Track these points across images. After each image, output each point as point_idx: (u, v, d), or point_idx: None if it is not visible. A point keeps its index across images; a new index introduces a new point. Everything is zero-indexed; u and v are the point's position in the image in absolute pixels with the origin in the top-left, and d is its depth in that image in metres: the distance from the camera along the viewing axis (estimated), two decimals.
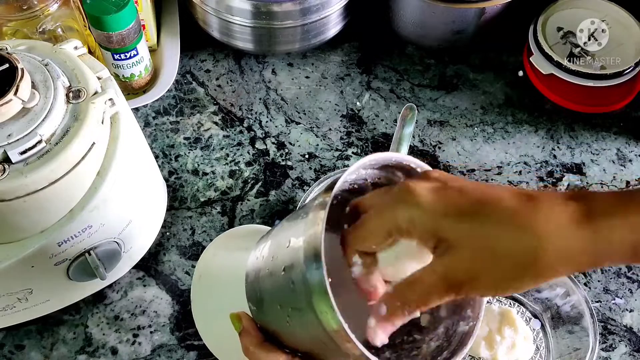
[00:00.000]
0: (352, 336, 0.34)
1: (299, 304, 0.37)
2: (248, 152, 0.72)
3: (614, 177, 0.72)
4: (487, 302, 0.62)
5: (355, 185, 0.43)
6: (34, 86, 0.46)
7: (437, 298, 0.35)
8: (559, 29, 0.76)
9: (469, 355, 0.59)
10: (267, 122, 0.74)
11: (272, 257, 0.40)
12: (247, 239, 0.49)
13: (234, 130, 0.73)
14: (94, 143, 0.47)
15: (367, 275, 0.40)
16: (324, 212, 0.36)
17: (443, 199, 0.35)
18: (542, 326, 0.61)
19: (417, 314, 0.37)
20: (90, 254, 0.53)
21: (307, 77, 0.78)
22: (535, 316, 0.61)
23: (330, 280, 0.34)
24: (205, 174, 0.70)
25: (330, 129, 0.74)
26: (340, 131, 0.74)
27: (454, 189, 0.36)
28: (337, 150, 0.72)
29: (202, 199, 0.68)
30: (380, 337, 0.37)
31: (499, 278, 0.35)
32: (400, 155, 0.42)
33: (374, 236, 0.37)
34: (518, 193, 0.36)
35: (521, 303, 0.62)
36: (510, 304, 0.62)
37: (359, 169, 0.40)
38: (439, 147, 0.73)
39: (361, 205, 0.39)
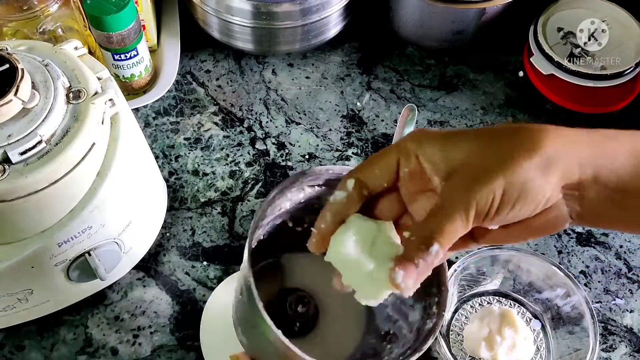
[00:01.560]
0: (290, 344, 0.37)
1: (257, 325, 0.39)
2: (248, 153, 0.72)
3: None
4: (487, 302, 0.62)
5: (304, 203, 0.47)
6: (34, 86, 0.46)
7: (459, 227, 0.34)
8: (559, 29, 0.76)
9: (470, 357, 0.59)
10: (267, 122, 0.74)
11: (236, 286, 0.45)
12: None
13: (234, 131, 0.73)
14: (94, 143, 0.47)
15: None
16: (248, 242, 0.41)
17: (449, 130, 0.39)
18: (543, 327, 0.61)
19: (440, 254, 0.34)
20: (90, 255, 0.53)
21: (307, 78, 0.78)
22: (536, 317, 0.61)
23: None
24: (205, 174, 0.70)
25: (330, 130, 0.74)
26: (340, 131, 0.74)
27: (456, 130, 0.39)
28: (337, 150, 0.72)
29: (202, 200, 0.68)
30: (402, 276, 0.34)
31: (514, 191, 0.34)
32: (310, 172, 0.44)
33: (382, 163, 0.37)
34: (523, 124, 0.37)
35: (521, 304, 0.62)
36: (510, 304, 0.62)
37: (266, 210, 0.45)
38: None
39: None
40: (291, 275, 0.53)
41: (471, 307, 0.62)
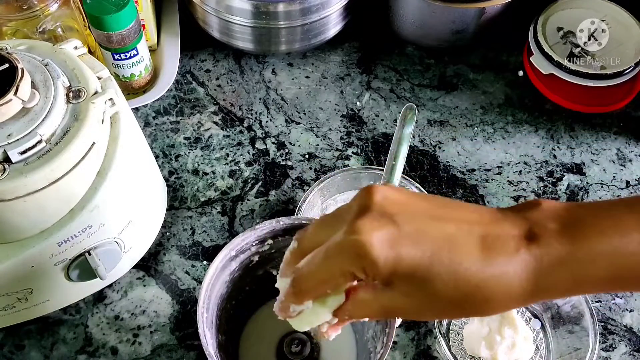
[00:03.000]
0: None
1: None
2: (248, 152, 0.72)
3: (614, 177, 0.72)
4: None
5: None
6: (34, 86, 0.46)
7: (375, 318, 0.41)
8: (559, 29, 0.76)
9: (470, 356, 0.59)
10: (267, 122, 0.74)
11: None
12: None
13: (234, 130, 0.73)
14: (94, 143, 0.47)
15: None
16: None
17: (396, 255, 0.33)
18: (542, 326, 0.61)
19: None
20: (90, 254, 0.53)
21: (307, 77, 0.78)
22: (536, 316, 0.61)
23: None
24: (205, 173, 0.70)
25: (330, 129, 0.74)
26: (340, 131, 0.74)
27: (408, 234, 0.34)
28: (337, 150, 0.72)
29: (202, 199, 0.68)
30: (332, 335, 0.40)
31: (438, 314, 0.38)
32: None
33: (328, 284, 0.36)
34: (475, 250, 0.34)
35: None
36: None
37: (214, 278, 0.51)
38: (439, 147, 0.73)
39: (303, 242, 0.39)
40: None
41: None
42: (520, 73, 0.79)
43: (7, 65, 0.44)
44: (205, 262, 0.64)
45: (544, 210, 0.36)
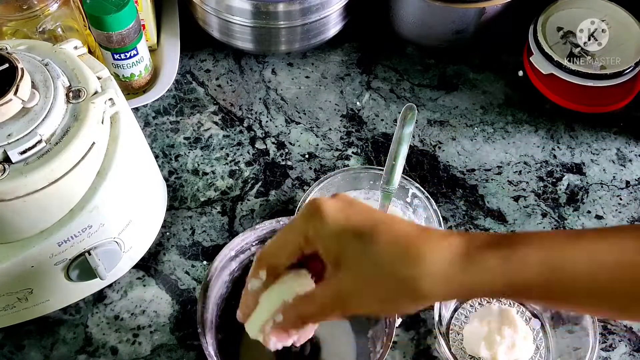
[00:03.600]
0: None
1: None
2: (248, 152, 0.72)
3: (614, 177, 0.72)
4: (487, 301, 0.62)
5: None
6: (34, 86, 0.46)
7: (327, 313, 0.39)
8: (559, 28, 0.76)
9: (469, 356, 0.59)
10: (267, 122, 0.74)
11: None
12: None
13: (234, 130, 0.73)
14: (93, 143, 0.47)
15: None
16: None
17: (345, 217, 0.38)
18: (542, 326, 0.61)
19: (311, 328, 0.43)
20: (90, 254, 0.53)
21: (307, 77, 0.78)
22: (536, 316, 0.61)
23: None
24: (205, 173, 0.70)
25: (330, 129, 0.74)
26: (340, 131, 0.74)
27: (358, 209, 0.39)
28: (337, 150, 0.72)
29: (202, 199, 0.68)
30: (274, 342, 0.42)
31: (381, 299, 0.38)
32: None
33: (285, 248, 0.41)
34: (414, 225, 0.39)
35: (521, 302, 0.62)
36: (510, 303, 0.62)
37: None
38: (439, 147, 0.73)
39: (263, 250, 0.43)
40: None
41: (470, 306, 0.62)
42: (520, 73, 0.79)
43: (7, 65, 0.44)
44: (205, 262, 0.64)
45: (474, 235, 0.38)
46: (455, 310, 0.62)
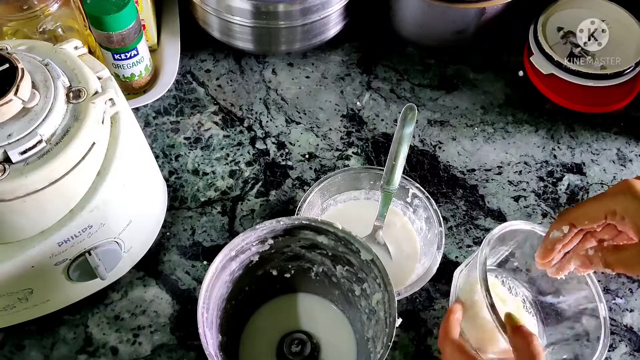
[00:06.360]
0: None
1: None
2: (248, 152, 0.72)
3: (614, 177, 0.72)
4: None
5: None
6: (34, 86, 0.46)
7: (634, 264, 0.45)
8: (559, 29, 0.76)
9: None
10: (267, 122, 0.74)
11: None
12: None
13: (234, 130, 0.73)
14: (94, 143, 0.47)
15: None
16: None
17: None
18: (542, 324, 0.60)
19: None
20: (90, 254, 0.53)
21: (307, 77, 0.78)
22: (535, 314, 0.61)
23: None
24: (205, 173, 0.70)
25: (330, 129, 0.74)
26: (340, 131, 0.74)
27: None
28: (337, 150, 0.72)
29: (202, 199, 0.68)
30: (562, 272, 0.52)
31: None
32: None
33: (588, 215, 0.47)
34: None
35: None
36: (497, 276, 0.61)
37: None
38: (439, 147, 0.73)
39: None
40: (289, 319, 0.60)
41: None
42: (521, 73, 0.79)
43: (7, 65, 0.44)
44: (205, 262, 0.64)
45: None
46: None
